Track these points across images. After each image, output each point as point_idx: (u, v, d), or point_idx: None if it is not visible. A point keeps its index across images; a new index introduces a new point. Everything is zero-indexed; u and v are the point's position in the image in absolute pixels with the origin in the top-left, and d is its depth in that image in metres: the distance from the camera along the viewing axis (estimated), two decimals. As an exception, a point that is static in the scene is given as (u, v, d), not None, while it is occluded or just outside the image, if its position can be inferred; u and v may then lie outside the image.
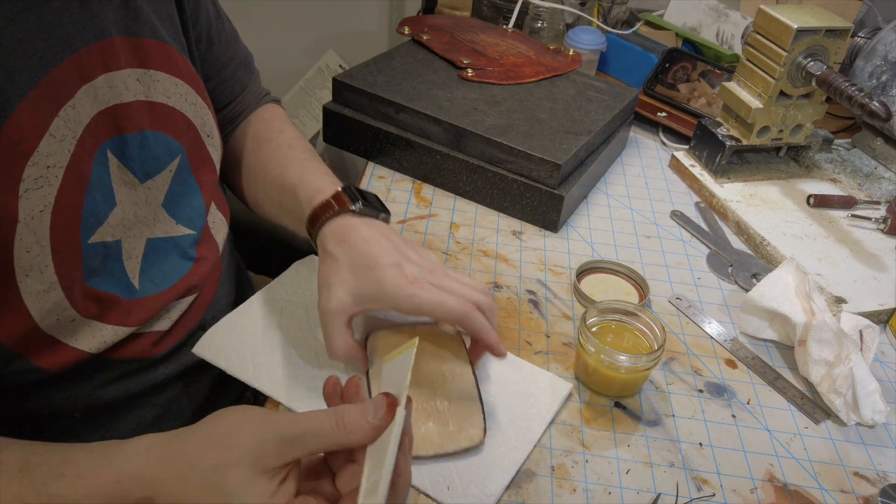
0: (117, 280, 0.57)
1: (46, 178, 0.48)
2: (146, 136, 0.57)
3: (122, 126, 0.54)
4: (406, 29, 1.02)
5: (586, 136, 0.84)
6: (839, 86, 0.80)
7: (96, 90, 0.52)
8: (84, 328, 0.54)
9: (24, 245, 0.47)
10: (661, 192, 0.94)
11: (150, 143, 0.57)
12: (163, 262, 0.61)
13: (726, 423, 0.62)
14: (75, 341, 0.54)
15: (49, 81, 0.47)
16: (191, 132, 0.62)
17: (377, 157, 0.91)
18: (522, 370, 0.63)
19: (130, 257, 0.57)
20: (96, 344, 0.55)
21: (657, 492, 0.55)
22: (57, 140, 0.48)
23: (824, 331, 0.63)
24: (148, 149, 0.57)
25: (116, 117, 0.54)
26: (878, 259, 0.82)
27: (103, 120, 0.53)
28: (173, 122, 0.60)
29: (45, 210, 0.48)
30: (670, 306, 0.74)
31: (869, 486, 0.58)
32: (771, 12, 0.86)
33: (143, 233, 0.58)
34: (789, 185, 0.95)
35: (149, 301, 0.59)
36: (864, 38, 1.03)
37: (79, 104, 0.50)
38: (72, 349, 0.54)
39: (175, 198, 0.61)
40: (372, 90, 0.87)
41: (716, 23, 1.25)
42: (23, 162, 0.46)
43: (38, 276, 0.49)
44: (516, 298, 0.72)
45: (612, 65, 1.24)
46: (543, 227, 0.83)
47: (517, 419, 0.58)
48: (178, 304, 0.63)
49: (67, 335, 0.54)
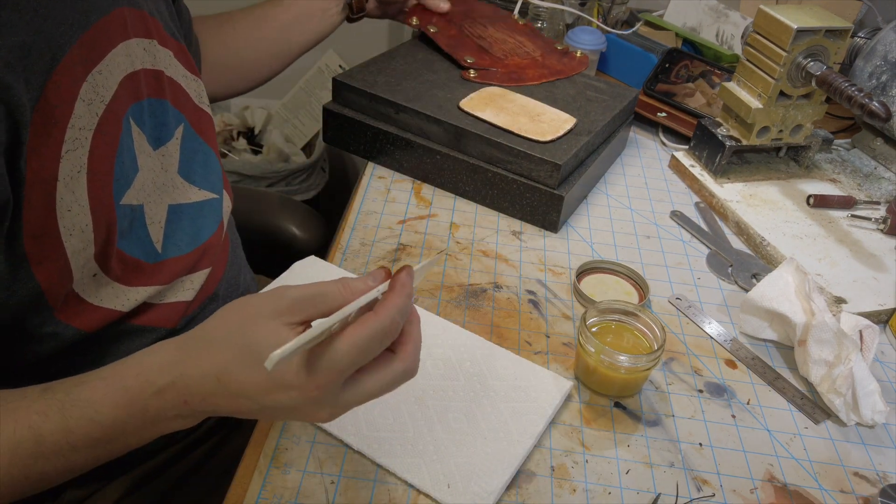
0: (143, 244, 0.59)
1: (80, 140, 0.50)
2: (154, 104, 0.59)
3: (138, 93, 0.57)
4: (414, 19, 1.00)
5: (586, 137, 0.84)
6: (839, 86, 0.80)
7: (118, 57, 0.54)
8: (107, 289, 0.56)
9: (64, 204, 0.49)
10: (661, 193, 0.94)
11: (157, 111, 0.60)
12: (187, 226, 0.63)
13: (726, 424, 0.62)
14: (99, 301, 0.56)
15: (80, 47, 0.50)
16: (188, 102, 0.65)
17: (377, 157, 0.91)
18: (523, 367, 0.63)
19: (153, 222, 0.59)
20: (121, 303, 0.57)
21: (657, 492, 0.55)
22: (86, 104, 0.51)
23: (824, 331, 0.63)
24: (155, 116, 0.60)
25: (135, 84, 0.57)
26: (877, 259, 0.82)
27: (127, 85, 0.55)
28: (174, 92, 0.62)
29: (80, 171, 0.50)
30: (670, 306, 0.74)
31: (869, 486, 0.58)
32: (771, 12, 0.86)
33: (163, 199, 0.60)
34: (789, 185, 0.95)
35: (170, 263, 0.61)
36: (863, 39, 1.03)
37: (105, 70, 0.53)
38: (97, 308, 0.55)
39: (190, 164, 0.64)
40: (372, 90, 0.87)
41: (716, 23, 1.25)
42: (63, 125, 0.49)
43: (80, 234, 0.51)
44: (516, 298, 0.72)
45: (611, 65, 1.24)
46: (543, 227, 0.83)
47: (518, 414, 0.58)
48: (199, 274, 0.65)
49: (90, 294, 0.55)
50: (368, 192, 0.86)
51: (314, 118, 1.79)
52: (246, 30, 0.85)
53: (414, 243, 0.79)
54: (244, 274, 0.77)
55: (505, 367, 0.62)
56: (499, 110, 0.85)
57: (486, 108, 0.86)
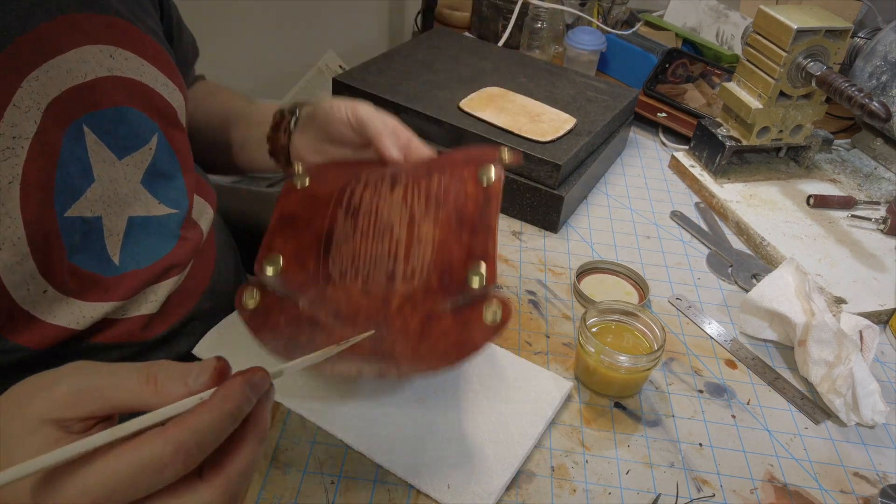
0: (98, 257, 0.56)
1: (13, 149, 0.47)
2: (122, 112, 0.57)
3: (97, 101, 0.54)
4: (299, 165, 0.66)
5: (586, 137, 0.84)
6: (839, 86, 0.80)
7: (68, 64, 0.51)
8: (62, 304, 0.53)
9: None
10: (661, 193, 0.94)
11: (127, 119, 0.57)
12: (145, 239, 0.60)
13: (726, 424, 0.62)
14: (53, 318, 0.53)
15: (11, 53, 0.47)
16: (168, 112, 0.62)
17: (377, 157, 0.91)
18: (523, 368, 0.63)
19: (112, 234, 0.57)
20: (75, 320, 0.54)
21: (657, 492, 0.55)
22: (21, 111, 0.48)
23: (824, 331, 0.63)
24: (126, 124, 0.57)
25: (92, 92, 0.53)
26: (877, 259, 0.82)
27: (77, 94, 0.52)
28: (149, 100, 0.60)
29: (13, 182, 0.48)
30: (670, 306, 0.74)
31: (869, 486, 0.58)
32: (771, 13, 0.86)
33: (124, 210, 0.57)
34: (789, 185, 0.95)
35: (128, 277, 0.58)
36: (863, 39, 1.03)
37: (44, 76, 0.49)
38: (50, 325, 0.53)
39: (155, 176, 0.61)
40: (372, 91, 0.87)
41: (715, 23, 1.25)
42: None
43: (10, 247, 0.48)
44: (516, 299, 0.72)
45: (611, 65, 1.24)
46: (543, 227, 0.83)
47: (518, 415, 0.58)
48: (162, 285, 0.62)
49: (43, 311, 0.52)
50: (368, 193, 0.86)
51: (314, 118, 1.79)
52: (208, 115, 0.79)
53: (414, 243, 0.79)
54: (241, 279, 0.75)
55: (504, 368, 0.62)
56: (499, 111, 0.85)
57: (486, 108, 0.86)
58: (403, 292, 0.50)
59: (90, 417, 0.34)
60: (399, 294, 0.50)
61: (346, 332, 0.46)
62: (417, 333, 0.47)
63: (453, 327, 0.48)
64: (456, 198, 0.54)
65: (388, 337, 0.47)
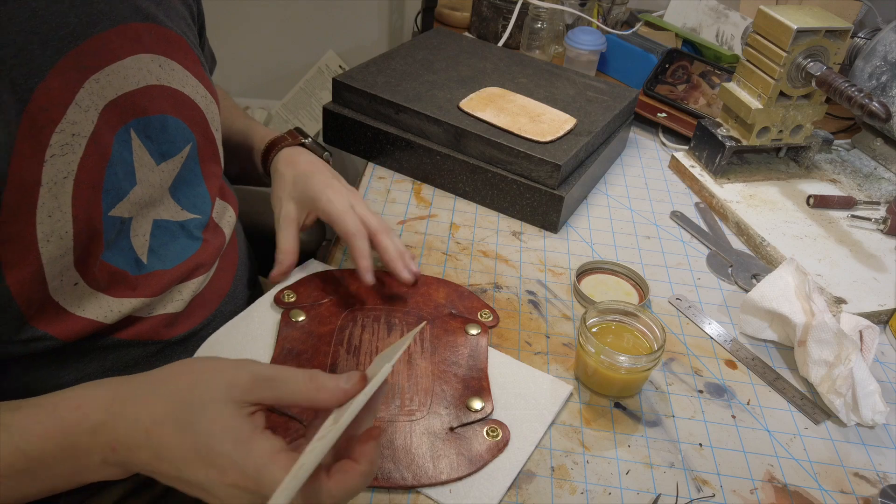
0: (126, 256, 0.58)
1: (71, 145, 0.49)
2: (167, 120, 0.59)
3: (146, 107, 0.57)
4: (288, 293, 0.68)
5: (586, 137, 0.84)
6: (839, 86, 0.80)
7: (125, 70, 0.54)
8: (90, 298, 0.55)
9: (45, 210, 0.49)
10: (661, 193, 0.94)
11: (169, 127, 0.60)
12: (170, 241, 0.62)
13: (726, 424, 0.62)
14: (82, 311, 0.55)
15: (78, 53, 0.50)
16: (202, 123, 0.65)
17: (377, 157, 0.91)
18: (522, 373, 0.63)
19: (137, 235, 0.59)
20: (104, 314, 0.56)
21: (657, 492, 0.55)
22: (82, 110, 0.50)
23: (824, 331, 0.63)
24: (167, 132, 0.60)
25: (142, 98, 0.56)
26: (877, 259, 0.82)
27: (129, 99, 0.55)
28: (189, 111, 0.62)
29: (67, 177, 0.49)
30: (670, 307, 0.74)
31: (869, 486, 0.58)
32: (770, 13, 0.86)
33: (150, 213, 0.60)
34: (789, 185, 0.95)
35: (156, 276, 0.60)
36: (863, 39, 1.03)
37: (104, 79, 0.52)
38: (79, 318, 0.54)
39: (180, 184, 0.63)
40: (372, 91, 0.87)
41: (715, 23, 1.25)
42: (50, 128, 0.48)
43: (57, 240, 0.50)
44: (516, 299, 0.72)
45: (611, 65, 1.24)
46: (543, 227, 0.83)
47: (518, 421, 0.58)
48: (187, 284, 0.64)
49: (72, 303, 0.54)
50: (368, 193, 0.86)
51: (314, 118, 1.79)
52: None
53: (414, 243, 0.79)
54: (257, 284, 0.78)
55: (504, 375, 0.62)
56: (499, 111, 0.85)
57: (486, 108, 0.86)
58: (410, 418, 0.57)
59: (259, 403, 0.41)
60: (406, 420, 0.57)
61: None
62: (429, 454, 0.54)
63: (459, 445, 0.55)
64: (447, 344, 0.64)
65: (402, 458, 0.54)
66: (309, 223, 0.71)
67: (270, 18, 1.70)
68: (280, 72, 1.79)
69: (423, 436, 0.55)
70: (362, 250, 0.64)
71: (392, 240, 0.67)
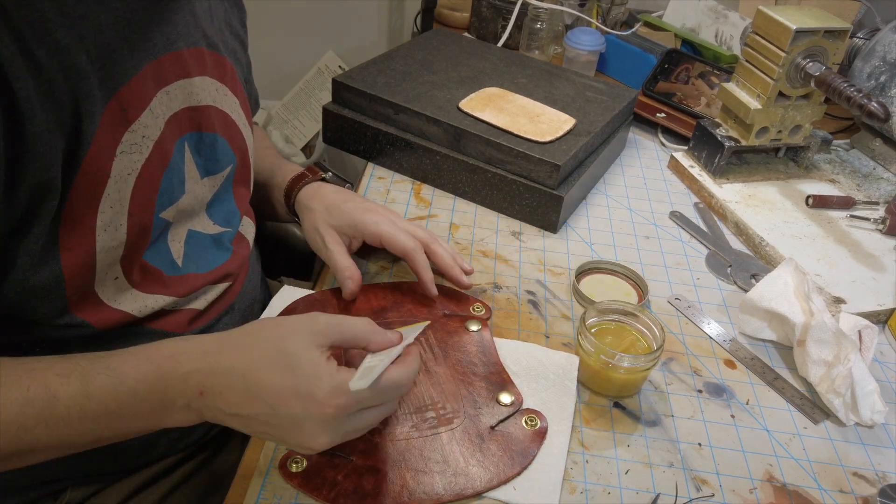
0: (164, 257, 0.61)
1: (139, 146, 0.54)
2: (217, 140, 0.64)
3: (201, 124, 0.61)
4: None
5: (585, 137, 0.84)
6: (838, 87, 0.80)
7: (191, 87, 0.59)
8: (125, 293, 0.58)
9: (108, 201, 0.52)
10: (660, 193, 0.94)
11: (218, 147, 0.64)
12: (204, 250, 0.66)
13: (725, 424, 0.62)
14: (117, 304, 0.57)
15: (158, 65, 0.55)
16: (244, 149, 0.69)
17: (377, 157, 0.91)
18: (533, 354, 0.64)
19: (174, 240, 0.62)
20: (138, 308, 0.59)
21: (656, 492, 0.55)
22: (154, 116, 0.55)
23: (823, 331, 0.63)
24: (216, 151, 0.64)
25: (200, 115, 0.61)
26: (876, 259, 0.82)
27: (190, 115, 0.60)
28: (235, 136, 0.67)
29: (131, 174, 0.53)
30: (669, 307, 0.74)
31: (868, 486, 0.58)
32: (770, 13, 0.86)
33: (186, 223, 0.63)
34: (788, 185, 0.95)
35: (189, 279, 0.63)
36: (862, 39, 1.03)
37: (174, 91, 0.57)
38: (115, 310, 0.57)
39: (215, 201, 0.67)
40: (371, 91, 0.87)
41: (714, 24, 1.25)
42: (125, 127, 0.52)
43: (114, 231, 0.53)
44: (515, 299, 0.73)
45: (611, 65, 1.24)
46: (543, 227, 0.83)
47: (547, 404, 0.60)
48: (214, 287, 0.67)
49: (109, 296, 0.57)
50: (368, 193, 0.86)
51: (314, 119, 1.79)
52: None
53: (413, 244, 0.79)
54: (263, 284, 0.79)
55: (517, 363, 0.63)
56: (498, 111, 0.85)
57: (486, 108, 0.86)
58: (449, 427, 0.57)
59: (333, 346, 0.48)
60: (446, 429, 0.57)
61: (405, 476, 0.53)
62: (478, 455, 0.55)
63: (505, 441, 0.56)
64: (455, 346, 0.64)
65: (460, 467, 0.54)
66: (353, 250, 0.71)
67: (270, 18, 1.70)
68: (280, 72, 1.79)
69: (469, 441, 0.56)
70: (423, 263, 0.67)
71: (443, 247, 0.70)
